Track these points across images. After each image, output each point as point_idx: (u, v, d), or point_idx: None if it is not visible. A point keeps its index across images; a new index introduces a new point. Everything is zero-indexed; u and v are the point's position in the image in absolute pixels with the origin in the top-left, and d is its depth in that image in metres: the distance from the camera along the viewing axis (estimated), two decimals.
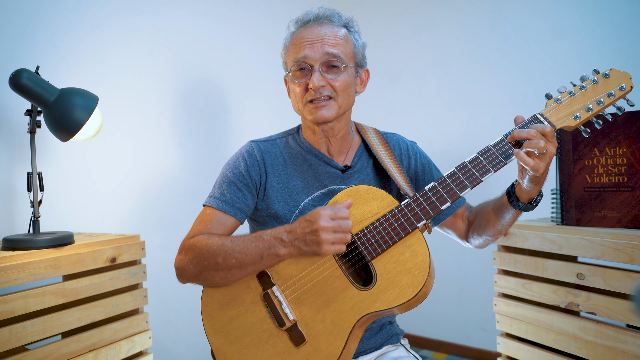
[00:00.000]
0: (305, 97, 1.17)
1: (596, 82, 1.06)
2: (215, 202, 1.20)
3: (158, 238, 1.96)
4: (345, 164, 1.27)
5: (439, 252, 2.59)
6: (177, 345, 2.02)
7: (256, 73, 2.34)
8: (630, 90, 1.04)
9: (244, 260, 1.07)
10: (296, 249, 1.05)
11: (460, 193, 1.06)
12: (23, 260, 1.21)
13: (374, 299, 1.04)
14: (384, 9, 2.86)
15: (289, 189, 1.23)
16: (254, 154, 1.25)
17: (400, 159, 1.30)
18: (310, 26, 1.20)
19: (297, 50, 1.18)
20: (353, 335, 1.05)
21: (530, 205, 1.11)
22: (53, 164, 1.65)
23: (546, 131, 1.00)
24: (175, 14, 2.07)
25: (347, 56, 1.20)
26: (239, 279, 1.11)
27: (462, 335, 2.65)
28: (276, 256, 1.07)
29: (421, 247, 1.05)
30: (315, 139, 1.26)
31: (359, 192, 1.13)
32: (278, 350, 1.06)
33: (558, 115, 1.06)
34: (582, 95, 1.06)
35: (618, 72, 1.05)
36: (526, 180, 1.05)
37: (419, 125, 2.72)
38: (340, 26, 1.22)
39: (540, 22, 2.30)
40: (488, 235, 1.21)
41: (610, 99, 1.04)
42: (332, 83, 1.16)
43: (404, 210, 1.08)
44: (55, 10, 1.68)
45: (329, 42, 1.17)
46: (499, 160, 1.05)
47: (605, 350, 1.30)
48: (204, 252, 1.10)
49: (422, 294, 1.04)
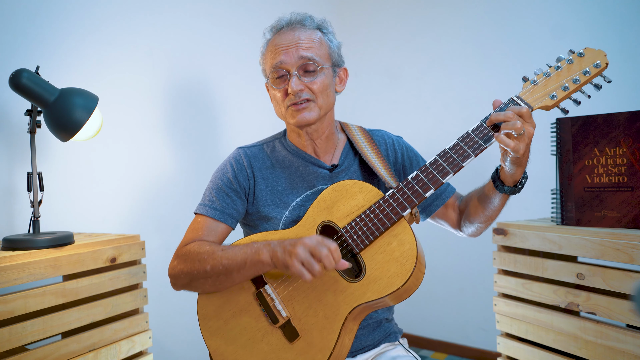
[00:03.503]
0: (286, 101, 1.20)
1: (571, 61, 1.07)
2: (205, 209, 1.22)
3: (158, 238, 1.96)
4: (333, 163, 1.28)
5: (439, 252, 2.60)
6: (177, 345, 2.02)
7: (256, 74, 2.32)
8: (605, 67, 1.05)
9: (229, 266, 1.09)
10: (274, 255, 1.04)
11: (442, 179, 1.07)
12: (23, 260, 1.21)
13: (364, 290, 1.05)
14: (384, 9, 2.86)
15: (278, 192, 1.25)
16: (241, 160, 1.27)
17: (387, 154, 1.32)
18: (284, 32, 1.22)
19: (273, 56, 1.20)
20: (346, 329, 1.06)
21: (516, 188, 1.12)
22: (53, 164, 1.65)
23: (522, 112, 1.02)
24: (175, 14, 2.07)
25: (323, 57, 1.21)
26: (227, 287, 1.13)
27: (462, 335, 2.65)
28: (258, 262, 1.06)
29: (408, 236, 1.06)
30: (300, 141, 1.28)
31: (344, 186, 1.15)
32: (273, 348, 1.07)
33: (534, 96, 1.07)
34: (557, 75, 1.07)
35: (593, 50, 1.06)
36: (508, 162, 1.07)
37: (419, 125, 2.72)
38: (314, 29, 1.23)
39: (540, 22, 2.30)
40: (479, 223, 1.23)
41: (585, 76, 1.05)
42: (310, 86, 1.18)
43: (389, 200, 1.09)
44: (55, 10, 1.68)
45: (303, 46, 1.18)
46: (479, 144, 1.06)
47: (605, 350, 1.30)
48: (195, 260, 1.12)
49: (412, 283, 1.04)
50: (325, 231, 1.14)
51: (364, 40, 2.93)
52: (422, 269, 1.07)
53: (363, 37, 2.93)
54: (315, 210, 1.15)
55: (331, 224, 1.13)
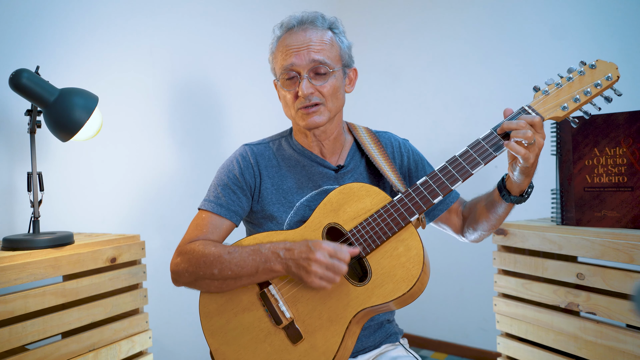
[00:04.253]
0: (296, 104, 1.19)
1: (583, 73, 1.07)
2: (210, 205, 1.21)
3: (158, 238, 1.96)
4: (339, 163, 1.28)
5: (439, 252, 2.60)
6: (177, 345, 2.02)
7: (256, 73, 2.33)
8: (616, 80, 1.05)
9: (239, 272, 1.09)
10: (287, 269, 1.07)
11: (451, 186, 1.07)
12: (23, 260, 1.21)
13: (370, 294, 1.04)
14: (384, 8, 2.86)
15: (284, 190, 1.24)
16: (247, 157, 1.26)
17: (393, 156, 1.31)
18: (295, 32, 1.20)
19: (284, 57, 1.19)
20: (350, 332, 1.06)
21: (522, 198, 1.12)
22: (53, 164, 1.65)
23: (534, 121, 1.01)
24: (175, 14, 2.07)
25: (334, 60, 1.20)
26: (233, 289, 1.13)
27: (462, 335, 2.65)
28: (271, 271, 1.08)
29: (414, 241, 1.06)
30: (307, 141, 1.27)
31: (352, 189, 1.14)
32: (276, 349, 1.07)
33: (546, 106, 1.07)
34: (569, 87, 1.07)
35: (604, 63, 1.06)
36: (516, 172, 1.06)
37: (419, 125, 2.72)
38: (325, 29, 1.22)
39: (540, 22, 2.30)
40: (483, 230, 1.22)
41: (597, 89, 1.05)
42: (321, 89, 1.17)
43: (397, 205, 1.09)
44: (55, 10, 1.68)
45: (315, 49, 1.17)
46: (489, 152, 1.05)
47: (605, 350, 1.30)
48: (200, 262, 1.12)
49: (417, 288, 1.04)
50: (331, 233, 1.14)
51: (364, 40, 2.92)
52: (427, 275, 1.07)
53: (363, 36, 2.93)
54: (321, 211, 1.15)
55: (337, 226, 1.12)
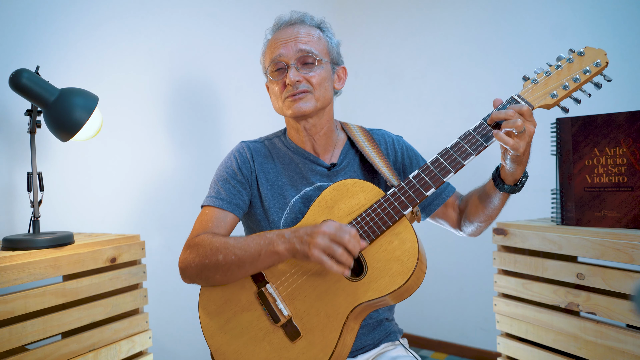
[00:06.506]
0: (284, 93, 1.21)
1: (571, 60, 1.07)
2: (213, 201, 1.23)
3: (158, 238, 1.96)
4: (332, 162, 1.29)
5: (439, 252, 2.60)
6: (177, 345, 2.02)
7: (256, 73, 2.33)
8: (605, 66, 1.05)
9: (242, 256, 1.09)
10: (292, 247, 1.05)
11: (443, 178, 1.07)
12: (23, 260, 1.21)
13: (366, 289, 1.05)
14: (384, 8, 2.86)
15: (278, 187, 1.26)
16: (244, 152, 1.29)
17: (387, 152, 1.32)
18: (283, 29, 1.25)
19: (272, 51, 1.23)
20: (348, 328, 1.06)
21: (517, 187, 1.13)
22: (53, 164, 1.65)
23: (523, 110, 1.02)
24: (175, 14, 2.07)
25: (321, 52, 1.23)
26: (237, 279, 1.13)
27: (462, 335, 2.65)
28: (274, 253, 1.07)
29: (409, 234, 1.06)
30: (299, 138, 1.29)
31: (345, 186, 1.15)
32: (274, 347, 1.07)
33: (535, 95, 1.07)
34: (557, 74, 1.07)
35: (593, 49, 1.06)
36: (508, 161, 1.07)
37: (419, 125, 2.72)
38: (313, 26, 1.26)
39: (540, 21, 2.30)
40: (479, 222, 1.23)
41: (586, 75, 1.05)
42: (308, 78, 1.20)
43: (390, 199, 1.09)
44: (55, 10, 1.68)
45: (302, 40, 1.21)
46: (480, 143, 1.06)
47: (605, 350, 1.30)
48: (207, 250, 1.12)
49: (413, 282, 1.04)
50: None
51: (363, 40, 2.93)
52: (424, 268, 1.07)
53: (363, 36, 2.93)
54: (316, 209, 1.15)
55: None
